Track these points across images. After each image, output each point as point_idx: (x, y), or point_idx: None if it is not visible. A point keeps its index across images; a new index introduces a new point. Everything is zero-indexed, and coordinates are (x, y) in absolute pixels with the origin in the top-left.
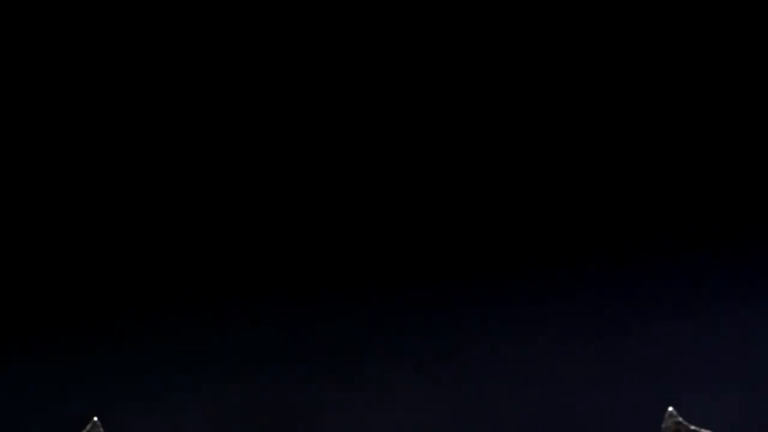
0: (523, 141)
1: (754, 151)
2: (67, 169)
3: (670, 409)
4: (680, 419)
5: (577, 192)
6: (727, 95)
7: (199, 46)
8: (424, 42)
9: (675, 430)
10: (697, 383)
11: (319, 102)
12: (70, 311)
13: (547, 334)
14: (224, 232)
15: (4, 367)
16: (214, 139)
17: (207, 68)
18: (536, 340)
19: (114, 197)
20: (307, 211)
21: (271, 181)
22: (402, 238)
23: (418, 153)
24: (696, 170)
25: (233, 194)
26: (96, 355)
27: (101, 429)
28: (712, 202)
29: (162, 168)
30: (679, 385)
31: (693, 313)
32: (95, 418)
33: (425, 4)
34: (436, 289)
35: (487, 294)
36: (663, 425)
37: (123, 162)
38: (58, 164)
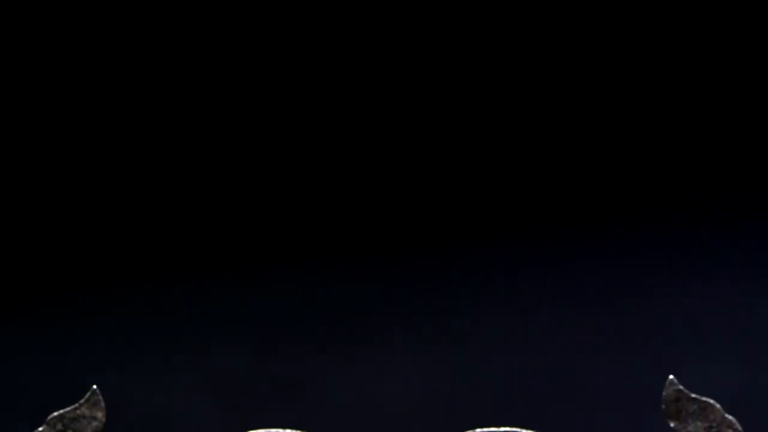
0: (521, 102)
1: (749, 119)
2: (69, 140)
3: (671, 377)
4: (681, 387)
5: (579, 155)
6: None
7: (187, 23)
8: None
9: (675, 399)
10: (698, 353)
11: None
12: (67, 279)
13: (547, 303)
14: (223, 195)
15: (3, 339)
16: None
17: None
18: (536, 310)
19: (112, 159)
20: (305, 175)
21: (270, 144)
22: (401, 202)
23: (412, 115)
24: (697, 135)
25: (235, 161)
26: (94, 325)
27: (100, 397)
28: (713, 168)
29: (161, 130)
30: (680, 354)
31: (694, 282)
32: (94, 386)
33: None
34: (436, 254)
35: (488, 260)
36: (664, 393)
37: (123, 124)
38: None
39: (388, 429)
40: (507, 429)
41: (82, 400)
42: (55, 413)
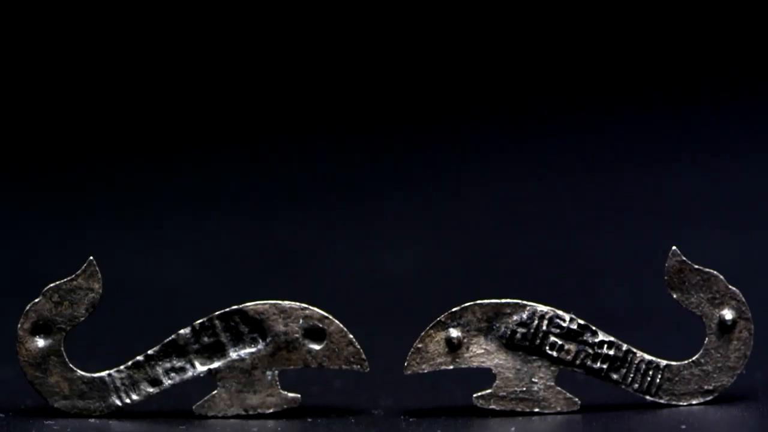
0: None
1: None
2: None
3: (674, 248)
4: (684, 259)
5: (584, 23)
6: None
7: None
8: None
9: (678, 270)
10: (700, 224)
11: None
12: (63, 153)
13: (548, 176)
14: (226, 69)
15: (4, 209)
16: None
17: None
18: (536, 183)
19: (117, 34)
20: (302, 44)
21: (273, 16)
22: (400, 73)
23: None
24: (703, 16)
25: (240, 32)
26: (90, 197)
27: (97, 269)
28: (714, 44)
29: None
30: (682, 226)
31: (695, 154)
32: (91, 258)
33: None
34: (437, 128)
35: (488, 134)
36: (666, 265)
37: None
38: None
39: (388, 301)
40: (508, 300)
41: (78, 272)
42: (52, 284)
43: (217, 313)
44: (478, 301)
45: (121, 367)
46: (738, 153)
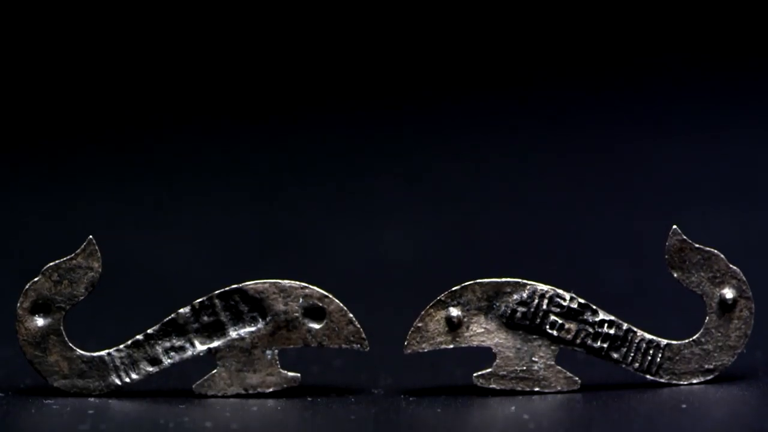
0: None
1: None
2: None
3: (675, 227)
4: (684, 237)
5: (584, 5)
6: None
7: None
8: None
9: (679, 248)
10: (701, 203)
11: None
12: (65, 135)
13: (546, 156)
14: (226, 49)
15: (4, 187)
16: None
17: None
18: (535, 164)
19: (116, 14)
20: (301, 26)
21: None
22: (398, 53)
23: None
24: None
25: (238, 15)
26: (91, 177)
27: (96, 248)
28: (715, 24)
29: None
30: (683, 204)
31: (696, 133)
32: (90, 237)
33: None
34: (436, 104)
35: (488, 110)
36: (667, 243)
37: None
38: None
39: (388, 280)
40: (508, 279)
41: (78, 251)
42: (51, 263)
43: (216, 292)
44: (479, 280)
45: (121, 346)
46: (738, 131)
